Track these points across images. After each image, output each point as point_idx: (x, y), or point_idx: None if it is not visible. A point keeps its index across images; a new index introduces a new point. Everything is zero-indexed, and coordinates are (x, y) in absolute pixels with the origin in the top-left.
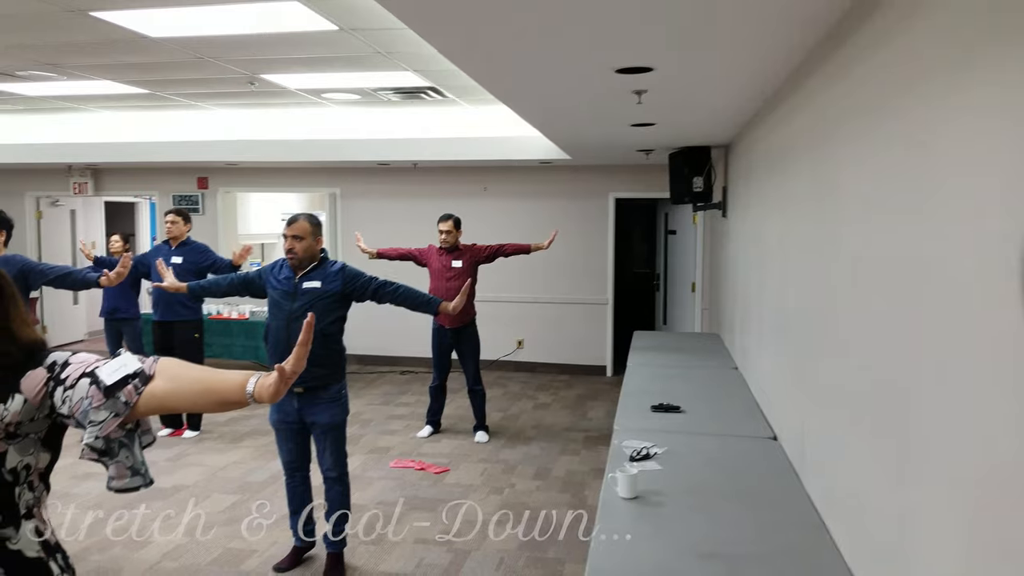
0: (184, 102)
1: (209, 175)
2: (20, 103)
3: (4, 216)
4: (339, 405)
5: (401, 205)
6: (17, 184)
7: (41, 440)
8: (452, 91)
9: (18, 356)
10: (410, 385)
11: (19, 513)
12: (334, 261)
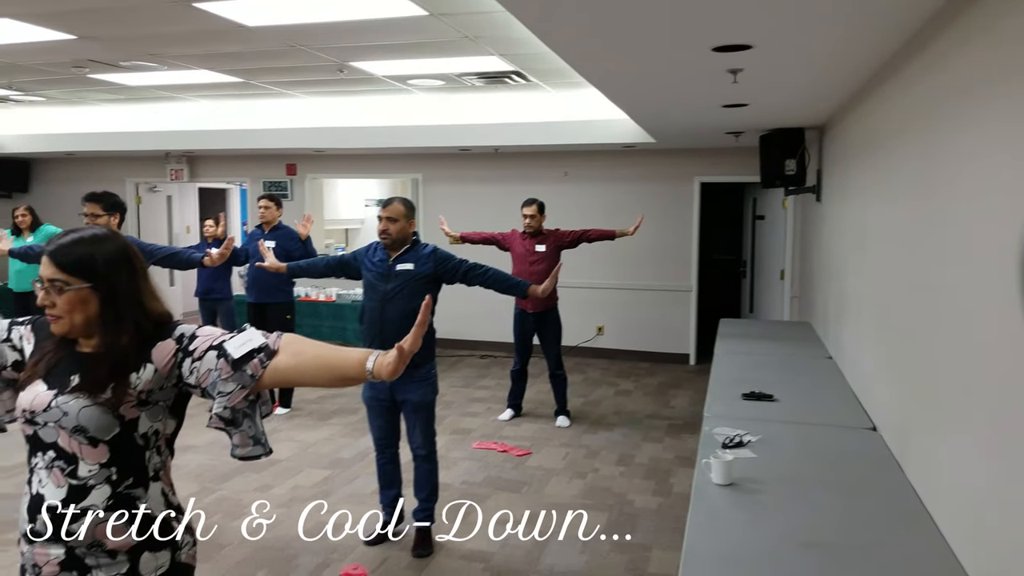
0: (275, 90)
1: (297, 162)
2: (123, 93)
3: (118, 200)
4: (429, 384)
5: (482, 190)
6: (118, 171)
7: (169, 408)
8: (536, 75)
9: (149, 328)
10: (489, 369)
11: (148, 475)
12: (426, 244)
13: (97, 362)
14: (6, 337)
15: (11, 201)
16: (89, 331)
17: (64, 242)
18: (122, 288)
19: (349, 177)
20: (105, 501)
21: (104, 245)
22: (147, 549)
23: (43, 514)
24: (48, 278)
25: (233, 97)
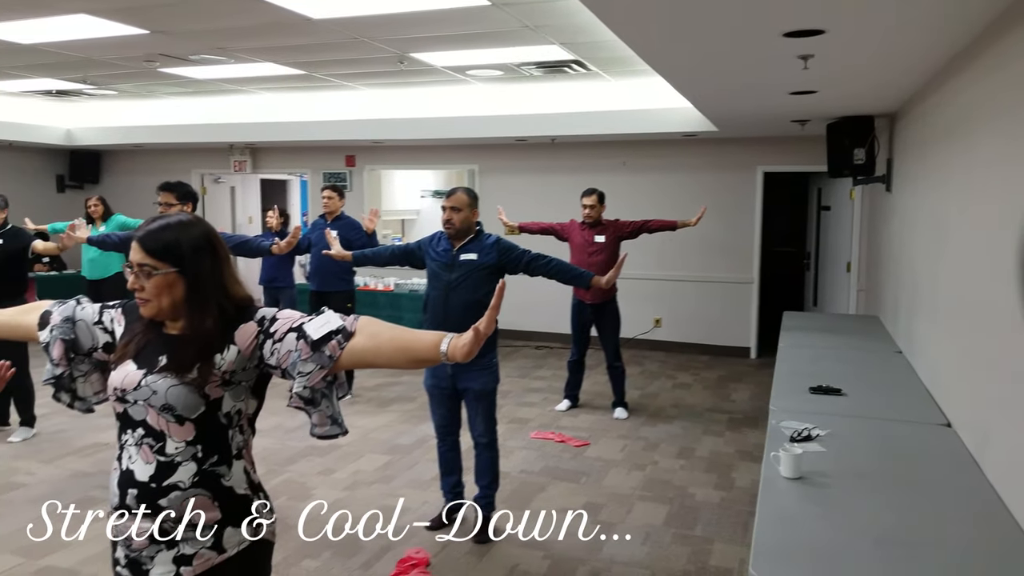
0: (335, 82)
1: (356, 153)
2: (190, 86)
3: (191, 190)
4: (490, 373)
5: (538, 180)
6: (185, 162)
7: (250, 388)
8: (596, 63)
9: (232, 311)
10: (545, 359)
11: (231, 453)
12: (489, 234)
13: (184, 343)
14: (98, 319)
15: (83, 192)
16: (176, 314)
17: (152, 228)
18: (206, 272)
19: (406, 168)
20: (191, 478)
21: (189, 231)
22: (231, 524)
23: (133, 489)
24: (137, 263)
25: (294, 89)
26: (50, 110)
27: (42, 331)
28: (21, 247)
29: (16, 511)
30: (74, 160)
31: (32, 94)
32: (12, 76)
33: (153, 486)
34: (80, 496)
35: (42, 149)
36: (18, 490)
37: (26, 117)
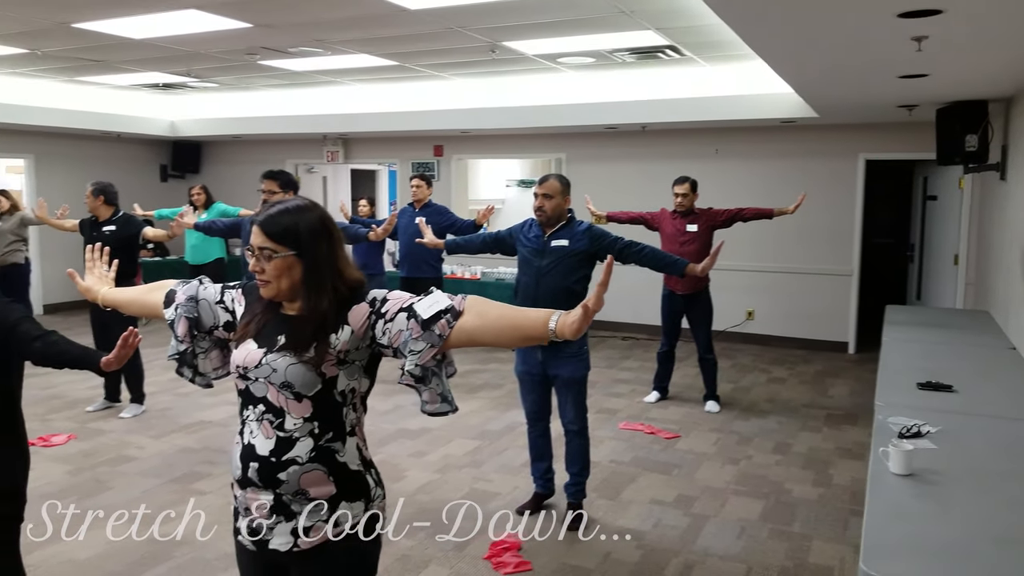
0: (426, 72)
1: (444, 143)
2: (287, 78)
3: (292, 178)
4: (581, 360)
5: (627, 169)
6: (280, 152)
7: (363, 367)
8: (691, 48)
9: (346, 292)
10: (632, 351)
11: (346, 430)
12: (581, 221)
13: (301, 324)
14: (219, 299)
15: (185, 181)
16: (293, 295)
17: (272, 213)
18: (323, 256)
19: (494, 157)
20: (308, 453)
21: (306, 215)
22: (344, 499)
23: (254, 463)
24: (258, 246)
25: (386, 80)
26: (155, 103)
27: (167, 309)
28: (132, 233)
29: (129, 482)
30: (176, 151)
31: (140, 87)
32: (123, 70)
33: (273, 460)
34: (186, 471)
35: (147, 140)
36: (131, 463)
37: (134, 110)
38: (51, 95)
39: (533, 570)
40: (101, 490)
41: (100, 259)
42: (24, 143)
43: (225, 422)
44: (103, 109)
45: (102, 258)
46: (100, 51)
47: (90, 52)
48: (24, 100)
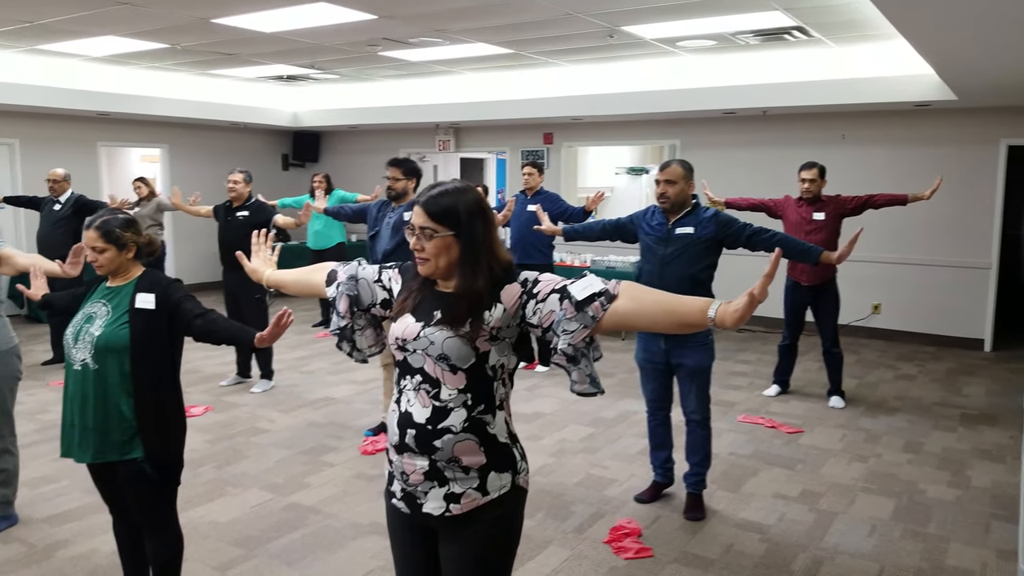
0: (541, 60)
1: (554, 130)
2: (404, 69)
3: (416, 166)
4: (706, 350)
5: (745, 155)
6: (393, 142)
7: (512, 345)
8: (820, 29)
9: (499, 272)
10: (748, 343)
11: (495, 403)
12: (706, 207)
13: (457, 300)
14: (377, 278)
15: (305, 170)
16: (449, 273)
17: (433, 194)
18: (479, 236)
19: (605, 144)
20: (462, 423)
21: (465, 197)
22: (493, 469)
23: (411, 429)
24: (420, 226)
25: (498, 69)
26: (278, 94)
27: (329, 287)
28: (264, 220)
29: (263, 453)
30: (297, 140)
31: (265, 80)
32: (252, 63)
33: (429, 428)
34: (315, 444)
35: (270, 130)
36: (263, 435)
37: (258, 101)
38: (185, 88)
39: (654, 556)
40: (238, 459)
41: (265, 243)
42: (160, 133)
43: (348, 399)
44: (231, 101)
45: (266, 242)
46: (233, 45)
47: (224, 46)
48: (161, 93)
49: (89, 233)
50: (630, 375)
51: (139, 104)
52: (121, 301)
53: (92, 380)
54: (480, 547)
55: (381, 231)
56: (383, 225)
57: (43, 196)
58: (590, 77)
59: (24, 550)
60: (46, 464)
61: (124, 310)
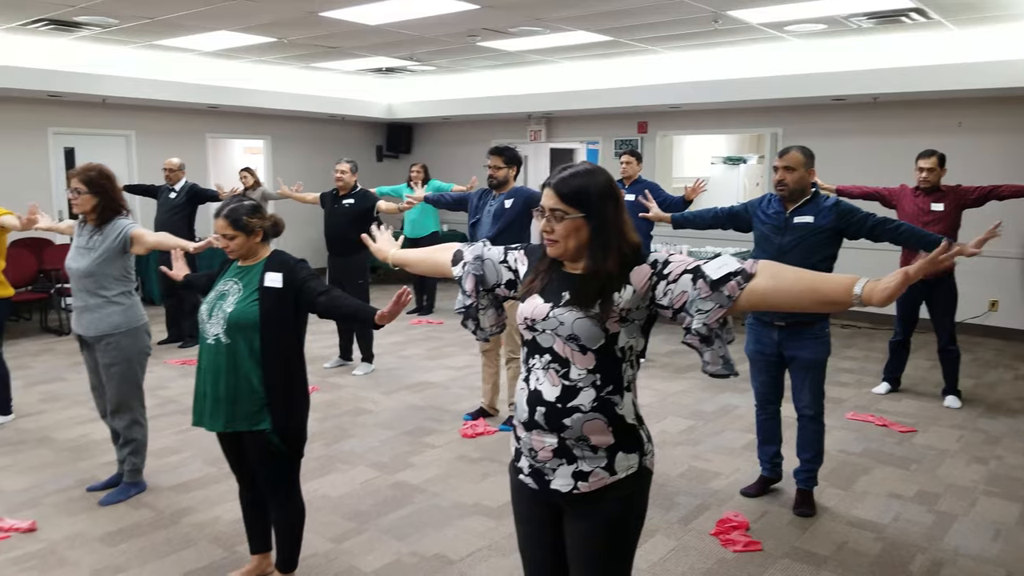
0: (639, 47)
1: (649, 119)
2: (499, 59)
3: (516, 154)
4: (822, 343)
5: (852, 144)
6: (484, 133)
7: (640, 327)
8: (941, 10)
9: (629, 254)
10: (853, 339)
11: (623, 385)
12: (827, 196)
13: (587, 282)
14: (503, 259)
15: (398, 161)
16: (578, 255)
17: (564, 176)
18: (610, 218)
19: (702, 133)
20: (591, 403)
21: (596, 178)
22: (621, 449)
23: (541, 407)
24: (550, 208)
25: (593, 58)
26: (375, 87)
27: (455, 267)
28: (369, 206)
29: (368, 432)
30: (391, 132)
31: (363, 72)
32: (354, 55)
33: (558, 406)
34: (416, 426)
35: (365, 122)
36: (367, 415)
37: (356, 94)
38: (287, 81)
39: (763, 551)
40: (345, 437)
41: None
42: (263, 125)
43: (445, 384)
44: (330, 94)
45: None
46: (337, 38)
47: (328, 39)
48: (265, 86)
49: (219, 221)
50: None
51: (245, 97)
52: (251, 280)
53: (224, 354)
54: (606, 525)
55: (482, 219)
56: (484, 213)
57: (159, 184)
58: (689, 64)
59: (153, 515)
60: (168, 436)
61: (254, 288)
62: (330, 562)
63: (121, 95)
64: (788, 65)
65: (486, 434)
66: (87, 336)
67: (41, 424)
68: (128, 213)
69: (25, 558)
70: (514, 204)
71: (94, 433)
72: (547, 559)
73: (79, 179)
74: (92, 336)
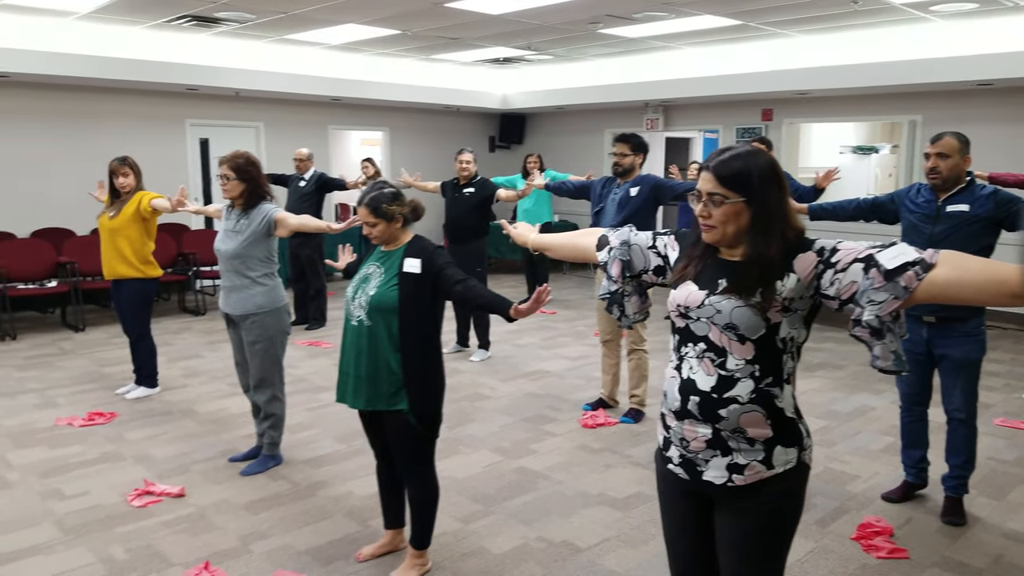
0: (768, 31)
1: (774, 106)
2: (618, 46)
3: (643, 141)
4: (977, 341)
5: (1000, 132)
6: (598, 122)
7: (803, 317)
8: None
9: (793, 240)
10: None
11: (783, 377)
12: (983, 184)
13: (746, 269)
14: (651, 244)
15: (510, 152)
16: (736, 241)
17: (723, 158)
18: (773, 202)
19: (832, 121)
20: (748, 394)
21: (757, 160)
22: (780, 443)
23: (695, 397)
24: (707, 192)
25: (715, 43)
26: (489, 77)
27: (600, 252)
28: (489, 194)
29: (488, 417)
30: (503, 123)
31: (479, 63)
32: (474, 46)
33: (714, 396)
34: (535, 413)
35: (479, 113)
36: (485, 400)
37: (471, 85)
38: (405, 74)
39: (910, 559)
40: (466, 421)
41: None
42: (382, 117)
43: (561, 373)
44: (447, 85)
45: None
46: (459, 29)
47: (451, 30)
48: (385, 78)
49: (361, 209)
50: (863, 368)
51: (366, 89)
52: (392, 265)
53: (366, 335)
54: (761, 520)
55: (606, 207)
56: (608, 201)
57: (289, 173)
58: (819, 47)
59: (290, 487)
60: (300, 413)
61: (394, 273)
62: (459, 541)
63: (253, 88)
64: (930, 48)
65: (606, 425)
66: (233, 315)
67: (184, 397)
68: (272, 198)
69: (177, 521)
70: (640, 192)
71: (232, 407)
72: (694, 550)
73: (228, 166)
74: (238, 315)
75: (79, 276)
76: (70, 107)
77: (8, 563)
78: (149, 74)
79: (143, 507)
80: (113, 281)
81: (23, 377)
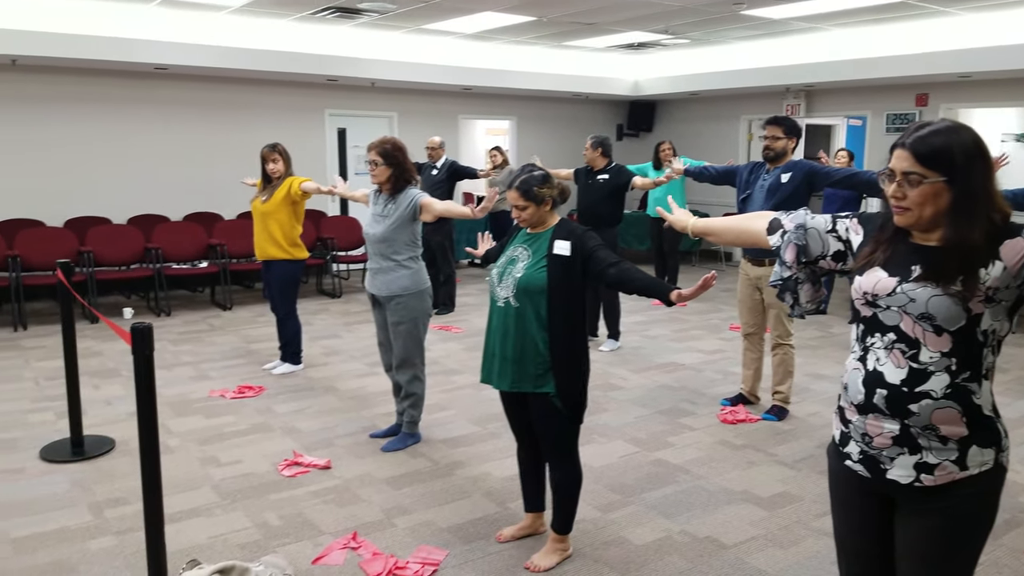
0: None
1: (931, 91)
2: (760, 28)
3: (796, 124)
4: None
5: None
6: (734, 108)
7: (1007, 309)
8: None
9: (999, 224)
10: None
11: (982, 372)
12: None
13: (945, 255)
14: (831, 228)
15: (638, 140)
16: (932, 225)
17: (922, 134)
18: (977, 182)
19: (997, 106)
20: (943, 389)
21: (960, 136)
22: (976, 443)
23: (882, 390)
24: (903, 171)
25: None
26: (620, 64)
27: (771, 236)
28: (624, 181)
29: (621, 407)
30: (632, 110)
31: (610, 49)
32: (609, 31)
33: (904, 390)
34: (671, 406)
35: (607, 101)
36: (618, 391)
37: (601, 72)
38: (534, 61)
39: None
40: (599, 410)
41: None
42: (510, 106)
43: (696, 367)
44: (577, 72)
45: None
46: (596, 13)
47: (587, 15)
48: (514, 67)
49: (511, 193)
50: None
51: (495, 78)
52: (540, 247)
53: (513, 316)
54: (951, 525)
55: (753, 193)
56: (755, 187)
57: (422, 162)
58: (983, 26)
59: (429, 465)
60: (436, 394)
61: (543, 255)
62: (600, 529)
63: (388, 78)
64: None
65: (747, 421)
66: (379, 296)
67: (326, 374)
68: (418, 183)
69: (324, 492)
70: (792, 178)
71: (370, 386)
72: (871, 551)
73: (376, 152)
74: (384, 296)
75: (228, 258)
76: (221, 98)
77: (174, 522)
78: (295, 65)
79: (292, 477)
80: (264, 262)
81: (178, 351)
